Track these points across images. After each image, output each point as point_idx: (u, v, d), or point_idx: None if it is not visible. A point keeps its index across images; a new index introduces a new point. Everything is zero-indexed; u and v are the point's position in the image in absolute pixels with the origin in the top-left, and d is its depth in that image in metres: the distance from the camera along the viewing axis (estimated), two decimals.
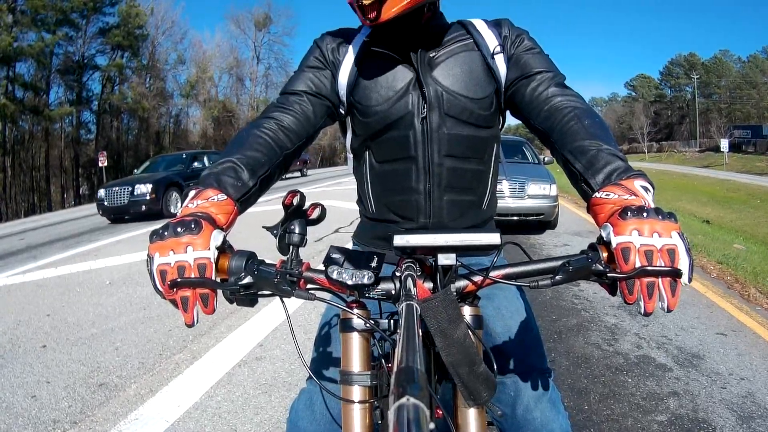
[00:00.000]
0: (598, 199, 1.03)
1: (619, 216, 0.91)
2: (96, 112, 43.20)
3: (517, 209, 9.06)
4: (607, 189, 1.03)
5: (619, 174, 1.08)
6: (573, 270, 0.92)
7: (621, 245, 0.89)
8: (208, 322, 4.82)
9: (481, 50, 1.40)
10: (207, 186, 1.14)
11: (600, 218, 1.01)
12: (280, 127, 1.35)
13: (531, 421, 1.27)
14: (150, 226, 10.72)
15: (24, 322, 5.37)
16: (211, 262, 0.95)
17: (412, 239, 0.90)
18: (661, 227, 0.88)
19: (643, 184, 1.03)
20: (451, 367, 0.85)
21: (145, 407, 3.29)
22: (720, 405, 3.07)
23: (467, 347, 0.85)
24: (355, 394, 0.98)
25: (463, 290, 0.99)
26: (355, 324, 0.99)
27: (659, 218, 0.89)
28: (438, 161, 1.37)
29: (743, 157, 54.09)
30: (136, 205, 14.10)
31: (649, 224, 0.88)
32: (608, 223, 0.93)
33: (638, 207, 0.90)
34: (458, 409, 0.97)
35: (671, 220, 0.89)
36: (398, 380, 0.54)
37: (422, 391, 0.51)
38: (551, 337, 4.27)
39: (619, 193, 1.00)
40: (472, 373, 0.85)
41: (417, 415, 0.47)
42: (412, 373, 0.55)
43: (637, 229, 0.88)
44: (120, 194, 14.30)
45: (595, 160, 1.12)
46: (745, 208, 20.45)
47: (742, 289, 5.71)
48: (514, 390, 1.30)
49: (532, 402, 1.28)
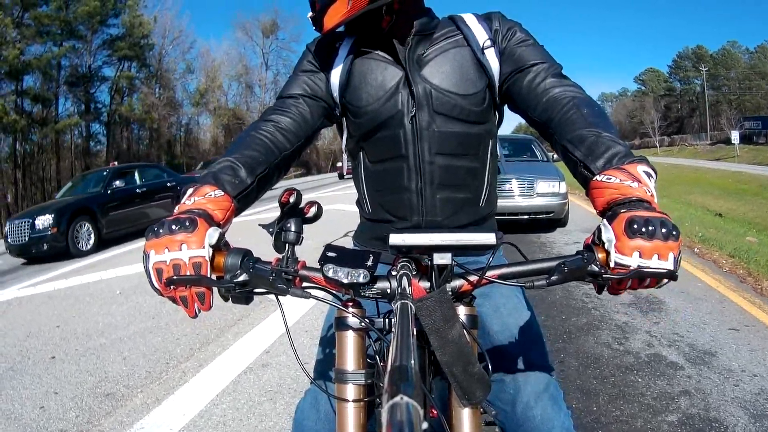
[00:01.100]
0: (599, 182, 1.02)
1: (624, 231, 0.89)
2: (105, 123, 43.57)
3: (527, 208, 9.02)
4: (608, 172, 1.02)
5: (620, 158, 1.06)
6: (568, 271, 0.92)
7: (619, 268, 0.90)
8: (215, 330, 4.83)
9: (470, 45, 1.38)
10: (204, 183, 1.16)
11: (599, 202, 1.01)
12: (277, 128, 1.37)
13: (531, 419, 1.26)
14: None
15: (34, 334, 5.40)
16: (206, 260, 0.97)
17: (408, 238, 0.91)
18: (663, 248, 0.88)
19: (646, 170, 1.02)
20: (446, 366, 0.85)
21: (151, 416, 3.29)
22: (732, 403, 3.02)
23: (462, 346, 0.86)
24: (349, 393, 0.99)
25: (458, 290, 1.00)
26: (350, 322, 1.00)
27: (663, 238, 0.88)
28: (429, 159, 1.36)
29: (754, 149, 53.62)
30: (38, 243, 10.66)
31: (653, 246, 0.88)
32: (611, 228, 0.91)
33: (645, 220, 0.88)
34: (453, 408, 0.98)
35: (673, 240, 0.88)
36: (392, 379, 0.54)
37: (416, 390, 0.51)
38: (561, 337, 4.22)
39: (621, 178, 0.99)
40: (467, 373, 0.86)
41: (410, 414, 0.47)
42: (406, 371, 0.55)
43: (640, 251, 0.88)
44: (21, 229, 10.87)
45: (595, 146, 1.11)
46: (757, 200, 20.27)
47: (755, 282, 5.63)
48: (513, 388, 1.29)
49: (532, 399, 1.27)
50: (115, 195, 12.51)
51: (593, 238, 0.95)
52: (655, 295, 5.10)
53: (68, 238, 10.80)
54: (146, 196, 13.28)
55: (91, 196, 12.24)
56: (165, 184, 14.06)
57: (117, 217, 12.25)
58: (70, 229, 10.89)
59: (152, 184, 13.74)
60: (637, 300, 4.99)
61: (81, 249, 11.02)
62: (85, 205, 11.66)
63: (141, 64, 44.61)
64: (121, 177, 13.06)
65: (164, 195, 13.73)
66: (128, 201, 12.72)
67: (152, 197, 13.41)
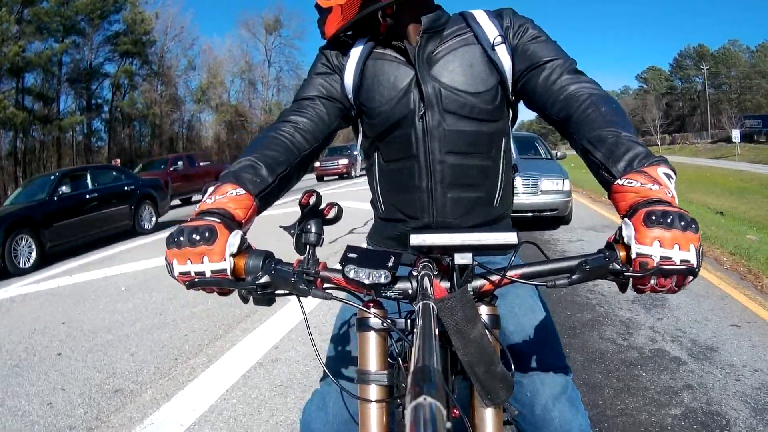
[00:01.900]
0: (620, 186, 1.02)
1: (643, 222, 0.89)
2: (107, 119, 43.51)
3: (530, 205, 9.02)
4: (629, 176, 1.02)
5: (640, 161, 1.06)
6: (590, 269, 0.91)
7: (640, 258, 0.89)
8: (223, 326, 4.86)
9: (481, 43, 1.37)
10: (225, 182, 1.16)
11: (621, 206, 1.00)
12: (296, 129, 1.37)
13: (550, 421, 1.25)
14: None
15: (39, 331, 5.43)
16: (227, 273, 0.98)
17: (429, 238, 0.91)
18: (682, 239, 0.88)
19: (666, 171, 1.03)
20: (468, 366, 0.85)
21: (160, 412, 3.31)
22: (734, 398, 3.05)
23: (484, 346, 0.85)
24: (372, 393, 0.99)
25: (479, 290, 0.99)
26: (372, 323, 1.00)
27: (682, 229, 0.88)
28: (440, 158, 1.36)
29: (755, 147, 53.53)
30: None
31: (672, 235, 0.88)
32: (631, 223, 0.92)
33: (663, 212, 0.89)
34: (475, 408, 0.98)
35: (692, 231, 0.88)
36: (415, 379, 0.54)
37: (439, 390, 0.51)
38: (566, 332, 4.25)
39: (642, 181, 0.99)
40: (489, 373, 0.85)
41: (433, 415, 0.47)
42: (428, 372, 0.56)
43: (659, 240, 0.88)
44: None
45: (615, 147, 1.10)
46: (758, 199, 20.26)
47: (756, 279, 5.65)
48: (531, 390, 1.28)
49: (550, 402, 1.26)
50: (63, 202, 10.79)
51: (614, 236, 0.95)
52: None
53: (5, 254, 9.07)
54: (99, 202, 11.62)
55: (33, 204, 10.48)
56: (122, 188, 12.52)
57: (62, 228, 10.49)
58: (7, 244, 9.15)
59: (106, 188, 12.13)
60: (640, 297, 5.00)
61: (20, 267, 9.34)
62: (27, 215, 9.97)
63: (143, 60, 44.49)
64: (71, 181, 11.42)
65: (122, 201, 12.28)
66: (77, 209, 11.01)
67: (107, 204, 11.84)
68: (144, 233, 12.62)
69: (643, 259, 0.89)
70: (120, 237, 11.99)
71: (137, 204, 12.70)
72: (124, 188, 12.54)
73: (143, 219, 12.94)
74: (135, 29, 42.53)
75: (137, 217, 12.69)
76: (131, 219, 12.49)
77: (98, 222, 11.54)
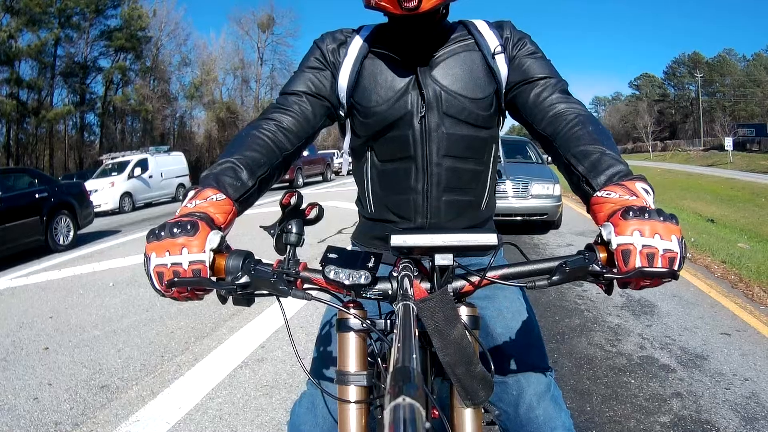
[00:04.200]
0: (599, 198, 1.04)
1: (621, 216, 0.91)
2: (99, 114, 43.34)
3: (520, 209, 9.05)
4: (608, 188, 1.04)
5: (621, 177, 1.08)
6: (570, 270, 0.93)
7: (622, 247, 0.90)
8: (210, 324, 4.83)
9: (482, 50, 1.39)
10: (206, 186, 1.14)
11: (600, 217, 1.02)
12: (279, 128, 1.35)
13: (534, 420, 1.28)
14: None
15: (27, 325, 5.38)
16: (205, 265, 0.96)
17: (410, 239, 0.91)
18: (662, 229, 0.89)
19: (644, 187, 1.04)
20: (448, 367, 0.85)
21: (146, 409, 3.29)
22: (723, 406, 3.05)
23: (464, 347, 0.85)
24: (351, 394, 0.99)
25: (460, 290, 1.00)
26: (352, 324, 1.00)
27: (661, 219, 0.89)
28: (437, 161, 1.36)
29: (748, 156, 53.85)
30: None
31: (651, 225, 0.89)
32: (609, 222, 0.93)
33: (640, 207, 0.91)
34: (455, 409, 0.98)
35: (672, 222, 0.90)
36: (394, 380, 0.54)
37: (418, 390, 0.51)
38: (554, 338, 4.25)
39: (620, 193, 1.01)
40: (469, 373, 0.86)
41: (413, 415, 0.47)
42: (408, 372, 0.55)
43: (639, 230, 0.89)
44: None
45: (599, 163, 1.12)
46: (749, 207, 20.35)
47: (746, 288, 5.68)
48: (516, 389, 1.31)
49: (535, 400, 1.30)
50: None
51: (595, 239, 0.96)
52: (647, 299, 5.14)
53: None
54: (3, 213, 9.28)
55: None
56: (33, 195, 10.18)
57: None
58: None
59: (11, 197, 9.72)
60: (630, 303, 5.02)
61: None
62: None
63: (137, 55, 44.39)
64: None
65: (31, 212, 9.94)
66: None
67: (11, 216, 9.45)
68: (59, 250, 10.34)
69: (624, 247, 0.90)
70: (29, 255, 9.77)
71: (50, 215, 10.34)
72: (35, 195, 10.23)
73: (58, 233, 10.58)
74: (131, 24, 42.43)
75: (50, 231, 10.31)
76: (43, 233, 10.11)
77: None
